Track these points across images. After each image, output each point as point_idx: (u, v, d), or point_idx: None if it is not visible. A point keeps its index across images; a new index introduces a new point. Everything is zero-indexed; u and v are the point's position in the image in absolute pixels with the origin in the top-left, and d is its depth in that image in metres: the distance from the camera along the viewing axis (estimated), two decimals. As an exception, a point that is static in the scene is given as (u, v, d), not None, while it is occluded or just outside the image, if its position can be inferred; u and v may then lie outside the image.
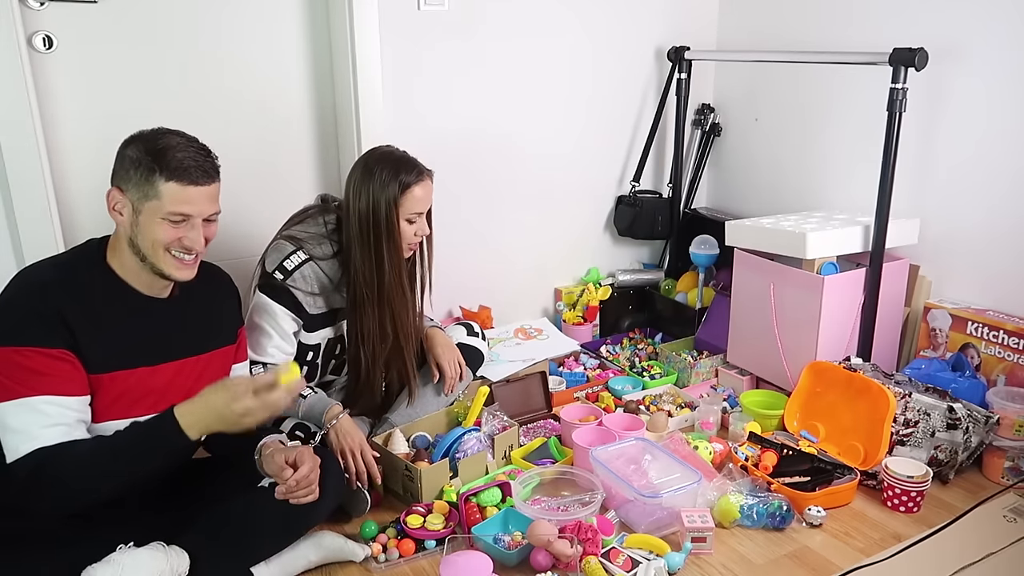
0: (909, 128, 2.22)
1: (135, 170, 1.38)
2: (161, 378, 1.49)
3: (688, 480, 1.75)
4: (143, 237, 1.40)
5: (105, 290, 1.43)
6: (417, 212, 1.86)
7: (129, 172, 1.38)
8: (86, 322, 1.38)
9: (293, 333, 1.89)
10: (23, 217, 1.99)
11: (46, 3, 2.00)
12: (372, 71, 2.34)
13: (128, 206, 1.40)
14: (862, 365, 2.10)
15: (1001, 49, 2.11)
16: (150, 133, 1.42)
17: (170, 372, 1.51)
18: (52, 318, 1.34)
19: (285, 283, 1.84)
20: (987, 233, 2.20)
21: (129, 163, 1.39)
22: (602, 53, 2.76)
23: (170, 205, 1.38)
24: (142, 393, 1.46)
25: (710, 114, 2.99)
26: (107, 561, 1.33)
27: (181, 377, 1.52)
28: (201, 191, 1.41)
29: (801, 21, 2.63)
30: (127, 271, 1.45)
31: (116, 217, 1.42)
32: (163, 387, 1.49)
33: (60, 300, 1.36)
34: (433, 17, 2.42)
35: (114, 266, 1.45)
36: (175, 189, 1.38)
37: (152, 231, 1.39)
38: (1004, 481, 1.94)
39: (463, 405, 2.07)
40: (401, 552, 1.65)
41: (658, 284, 2.96)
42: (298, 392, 1.48)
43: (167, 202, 1.38)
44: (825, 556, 1.66)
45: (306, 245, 1.87)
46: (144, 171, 1.37)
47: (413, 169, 1.85)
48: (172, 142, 1.40)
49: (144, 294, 1.47)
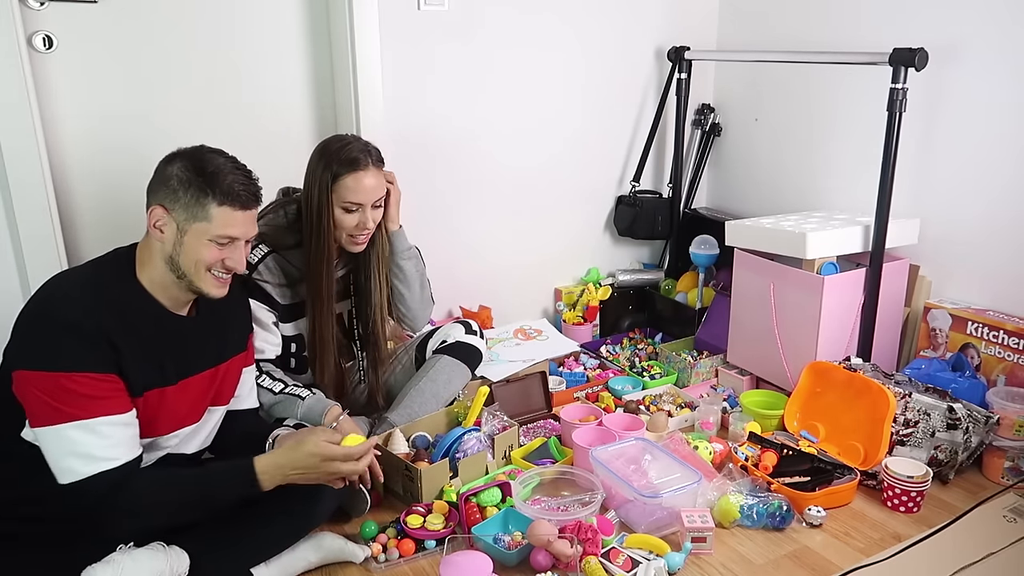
0: (909, 128, 2.22)
1: (184, 191, 1.37)
2: (187, 393, 1.49)
3: (688, 480, 1.74)
4: (186, 257, 1.40)
5: (138, 307, 1.41)
6: (355, 202, 1.83)
7: (177, 192, 1.38)
8: (128, 342, 1.36)
9: (273, 323, 1.91)
10: (23, 217, 1.99)
11: (46, 3, 2.00)
12: (372, 71, 2.34)
13: (172, 225, 1.39)
14: (862, 365, 2.10)
15: (1001, 49, 2.11)
16: (195, 152, 1.42)
17: (194, 385, 1.51)
18: (98, 341, 1.32)
19: (251, 277, 1.85)
20: (987, 233, 2.20)
21: (177, 183, 1.38)
22: (602, 53, 2.76)
23: (219, 228, 1.39)
24: (171, 410, 1.47)
25: (710, 114, 2.99)
26: (107, 561, 1.33)
27: (202, 389, 1.53)
28: (248, 215, 1.43)
29: (801, 21, 2.63)
30: (156, 287, 1.43)
31: (156, 234, 1.40)
32: (189, 402, 1.50)
33: (104, 321, 1.33)
34: (433, 17, 2.42)
35: (144, 281, 1.43)
36: (226, 213, 1.39)
37: (197, 252, 1.40)
38: (1004, 481, 1.94)
39: (463, 405, 2.07)
40: (401, 552, 1.65)
41: (658, 284, 2.96)
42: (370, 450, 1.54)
43: (217, 225, 1.39)
44: (825, 556, 1.66)
45: (267, 238, 1.88)
46: (195, 192, 1.37)
47: (351, 158, 1.82)
48: (221, 164, 1.40)
49: (170, 310, 1.46)
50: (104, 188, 2.17)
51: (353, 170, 1.82)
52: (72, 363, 1.29)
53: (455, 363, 2.12)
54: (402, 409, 2.04)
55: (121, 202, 2.19)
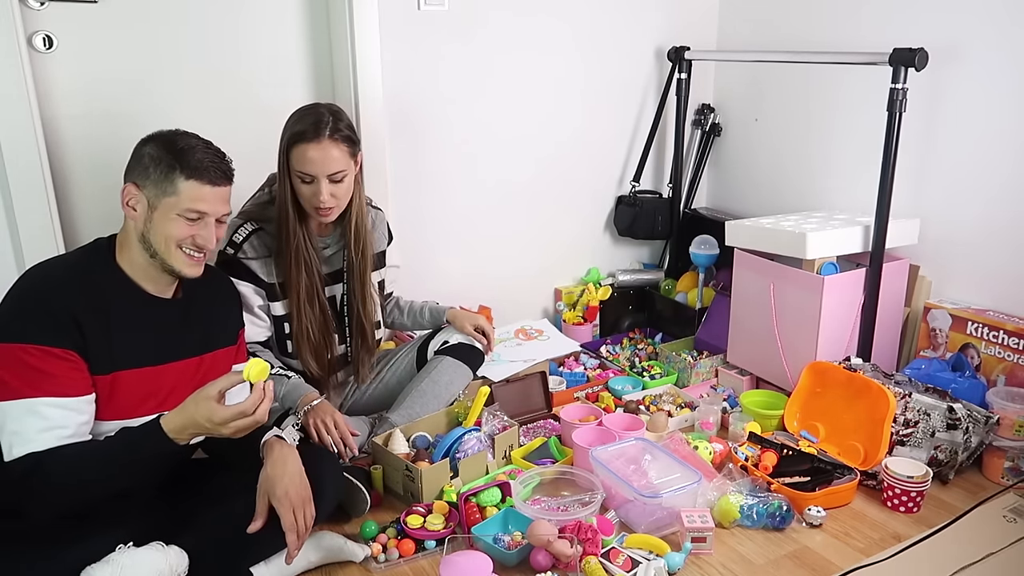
0: (909, 128, 2.22)
1: (155, 167, 1.41)
2: (166, 378, 1.50)
3: (688, 480, 1.74)
4: (156, 233, 1.43)
5: (115, 289, 1.45)
6: (306, 172, 1.79)
7: (148, 169, 1.42)
8: (96, 321, 1.39)
9: (259, 307, 1.92)
10: (23, 217, 1.99)
11: (46, 3, 2.00)
12: (372, 71, 2.34)
13: (143, 202, 1.43)
14: (862, 365, 2.10)
15: (1001, 49, 2.11)
16: (169, 133, 1.46)
17: (175, 372, 1.52)
18: (62, 317, 1.35)
19: (236, 256, 1.88)
20: (987, 233, 2.20)
21: (148, 160, 1.42)
22: (602, 53, 2.76)
23: (187, 202, 1.42)
24: (147, 392, 1.48)
25: (710, 114, 2.99)
26: (106, 561, 1.33)
27: (185, 377, 1.53)
28: (217, 191, 1.46)
29: (801, 21, 2.63)
30: (136, 270, 1.47)
31: (129, 212, 1.44)
32: (168, 386, 1.50)
33: (71, 299, 1.37)
34: (433, 17, 2.42)
35: (123, 265, 1.47)
36: (193, 187, 1.42)
37: (166, 227, 1.43)
38: (1004, 481, 1.94)
39: (463, 405, 2.08)
40: (401, 552, 1.65)
41: (658, 284, 2.96)
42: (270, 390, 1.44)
43: (184, 199, 1.42)
44: (825, 556, 1.66)
45: (252, 215, 1.92)
46: (164, 168, 1.41)
47: (304, 128, 1.77)
48: (193, 143, 1.45)
49: (152, 294, 1.49)
50: (104, 188, 2.17)
51: (305, 140, 1.77)
52: (31, 335, 1.33)
53: (457, 364, 2.13)
54: (403, 410, 2.04)
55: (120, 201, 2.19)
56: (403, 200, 2.51)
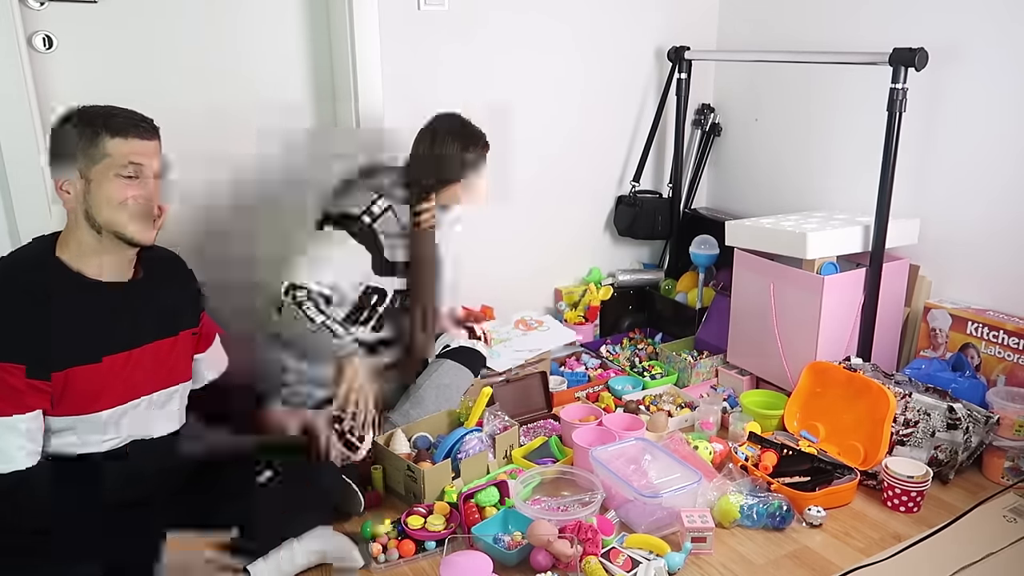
0: (909, 128, 2.22)
1: (79, 139, 1.38)
2: (136, 363, 1.47)
3: (688, 480, 1.74)
4: (98, 203, 1.39)
5: (56, 285, 1.40)
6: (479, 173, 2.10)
7: (73, 143, 1.38)
8: (34, 324, 1.35)
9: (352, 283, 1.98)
10: (23, 216, 1.99)
11: (46, 3, 2.00)
12: (372, 71, 2.34)
13: (77, 180, 1.39)
14: (862, 365, 2.10)
15: (1001, 49, 2.11)
16: (79, 109, 1.42)
17: (145, 356, 1.49)
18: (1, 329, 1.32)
19: (372, 226, 1.97)
20: (987, 233, 2.20)
21: (70, 136, 1.38)
22: (602, 53, 2.76)
23: (121, 159, 1.39)
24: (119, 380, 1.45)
25: (710, 114, 2.99)
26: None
27: (156, 360, 1.51)
28: (147, 145, 1.43)
29: (801, 21, 2.63)
30: (82, 259, 1.42)
31: (64, 196, 1.40)
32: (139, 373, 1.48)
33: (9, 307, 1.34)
34: (433, 17, 2.42)
35: (65, 258, 1.42)
36: (122, 144, 1.39)
37: (107, 191, 1.39)
38: (1004, 481, 1.94)
39: (465, 405, 2.08)
40: (401, 553, 1.65)
41: (658, 284, 2.96)
42: None
43: (118, 157, 1.39)
44: (825, 556, 1.66)
45: (385, 192, 2.03)
46: (88, 135, 1.38)
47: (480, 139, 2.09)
48: (107, 108, 1.42)
49: (102, 281, 1.44)
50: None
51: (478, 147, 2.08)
52: None
53: (458, 367, 2.13)
54: (404, 412, 2.05)
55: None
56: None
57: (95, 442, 1.44)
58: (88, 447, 1.43)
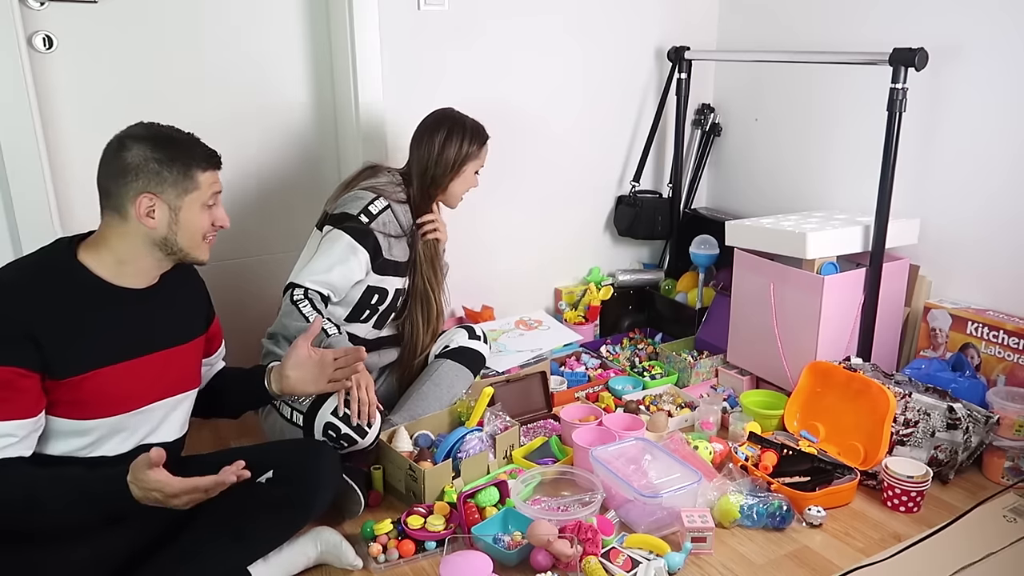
0: (909, 128, 2.22)
1: (168, 171, 1.40)
2: (148, 369, 1.47)
3: (688, 480, 1.75)
4: (185, 232, 1.44)
5: (77, 289, 1.40)
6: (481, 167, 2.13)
7: (162, 174, 1.40)
8: (54, 327, 1.34)
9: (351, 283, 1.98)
10: (23, 217, 1.99)
11: (46, 3, 2.00)
12: (372, 71, 2.34)
13: (164, 207, 1.41)
14: (862, 365, 2.10)
15: (1001, 49, 2.11)
16: (145, 133, 1.42)
17: (157, 362, 1.49)
18: (13, 330, 1.30)
19: (370, 226, 1.97)
20: (987, 233, 2.20)
21: (158, 165, 1.39)
22: (602, 53, 2.76)
23: (208, 190, 1.46)
24: (130, 386, 1.45)
25: (710, 114, 2.99)
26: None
27: (168, 367, 1.51)
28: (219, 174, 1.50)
29: (801, 21, 2.63)
30: (103, 266, 1.42)
31: (147, 222, 1.40)
32: (149, 379, 1.48)
33: (23, 308, 1.32)
34: (433, 17, 2.42)
35: (87, 263, 1.41)
36: (209, 176, 1.46)
37: (196, 222, 1.45)
38: (1004, 481, 1.94)
39: (466, 405, 2.08)
40: (401, 553, 1.65)
41: (658, 284, 2.96)
42: None
43: (206, 189, 1.45)
44: (825, 556, 1.67)
45: (384, 192, 2.02)
46: (180, 167, 1.41)
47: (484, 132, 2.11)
48: (181, 135, 1.46)
49: (120, 287, 1.44)
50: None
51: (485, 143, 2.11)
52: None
53: (459, 368, 2.13)
54: (404, 412, 2.05)
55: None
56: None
57: (107, 447, 1.44)
58: (98, 451, 1.43)
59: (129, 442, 1.48)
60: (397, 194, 2.05)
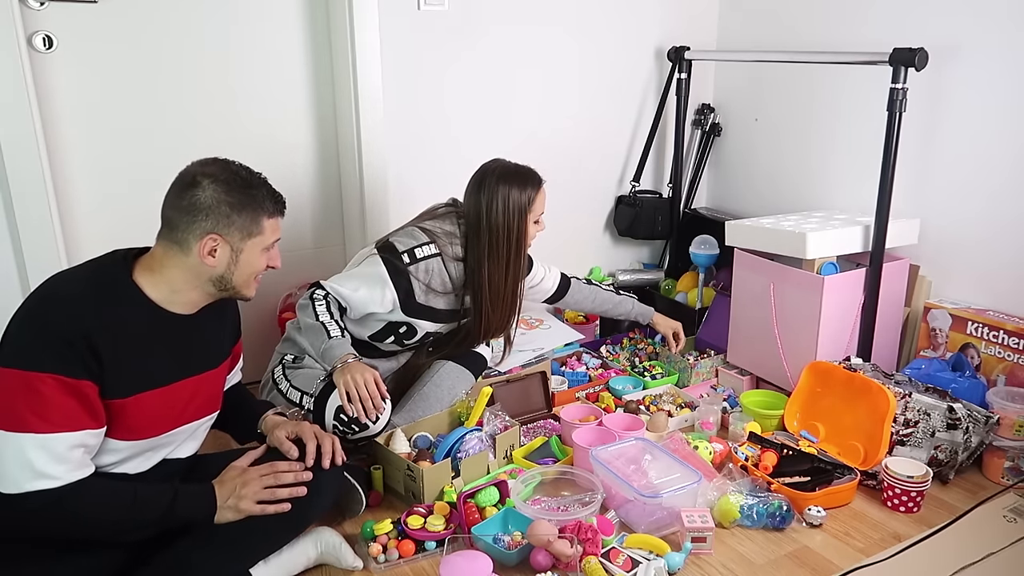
0: (909, 128, 2.22)
1: (238, 214, 1.42)
2: (182, 394, 1.48)
3: (688, 480, 1.74)
4: (242, 272, 1.46)
5: (132, 310, 1.39)
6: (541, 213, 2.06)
7: (231, 217, 1.41)
8: (113, 346, 1.33)
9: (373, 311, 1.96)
10: (23, 217, 1.99)
11: (46, 3, 2.00)
12: (372, 71, 2.35)
13: (226, 248, 1.43)
14: (862, 365, 2.10)
15: (1001, 49, 2.11)
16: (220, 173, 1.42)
17: (190, 387, 1.50)
18: (79, 346, 1.29)
19: (407, 267, 1.94)
20: (987, 233, 2.21)
21: (228, 209, 1.40)
22: (602, 53, 2.76)
23: (271, 237, 1.49)
24: (163, 411, 1.45)
25: (710, 114, 2.99)
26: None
27: (199, 391, 1.52)
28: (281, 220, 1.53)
29: (801, 21, 2.63)
30: (157, 289, 1.42)
31: (208, 260, 1.41)
32: (183, 402, 1.49)
33: (91, 326, 1.31)
34: (433, 18, 2.42)
35: (142, 284, 1.41)
36: (275, 223, 1.50)
37: (254, 264, 1.48)
38: (1004, 481, 1.94)
39: (465, 405, 2.08)
40: (401, 553, 1.65)
41: (658, 284, 2.96)
42: None
43: (268, 235, 1.48)
44: (825, 556, 1.66)
45: (439, 241, 1.99)
46: (249, 213, 1.43)
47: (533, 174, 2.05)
48: (252, 178, 1.46)
49: (169, 312, 1.44)
50: (104, 187, 2.17)
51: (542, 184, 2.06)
52: (46, 364, 1.27)
53: (460, 369, 2.14)
54: (405, 412, 2.04)
55: (122, 201, 2.19)
56: (402, 199, 2.51)
57: (131, 465, 1.45)
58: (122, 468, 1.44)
59: (152, 460, 1.49)
60: (454, 247, 2.01)
